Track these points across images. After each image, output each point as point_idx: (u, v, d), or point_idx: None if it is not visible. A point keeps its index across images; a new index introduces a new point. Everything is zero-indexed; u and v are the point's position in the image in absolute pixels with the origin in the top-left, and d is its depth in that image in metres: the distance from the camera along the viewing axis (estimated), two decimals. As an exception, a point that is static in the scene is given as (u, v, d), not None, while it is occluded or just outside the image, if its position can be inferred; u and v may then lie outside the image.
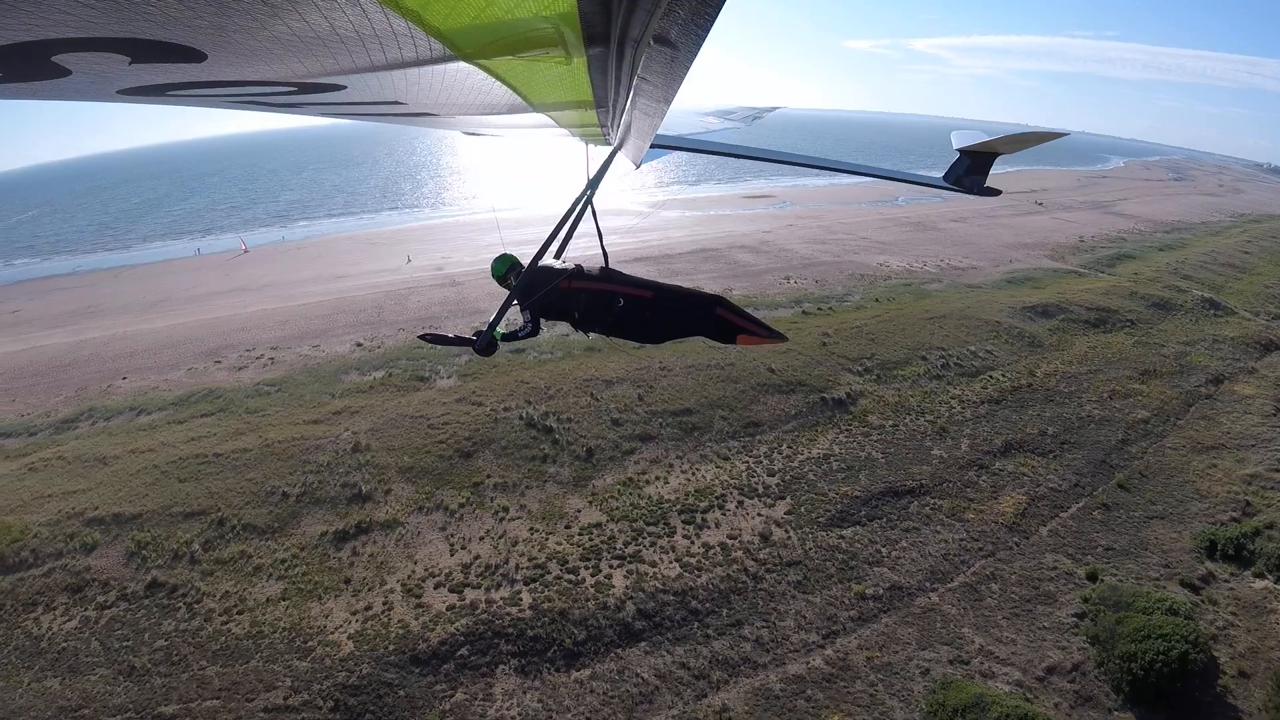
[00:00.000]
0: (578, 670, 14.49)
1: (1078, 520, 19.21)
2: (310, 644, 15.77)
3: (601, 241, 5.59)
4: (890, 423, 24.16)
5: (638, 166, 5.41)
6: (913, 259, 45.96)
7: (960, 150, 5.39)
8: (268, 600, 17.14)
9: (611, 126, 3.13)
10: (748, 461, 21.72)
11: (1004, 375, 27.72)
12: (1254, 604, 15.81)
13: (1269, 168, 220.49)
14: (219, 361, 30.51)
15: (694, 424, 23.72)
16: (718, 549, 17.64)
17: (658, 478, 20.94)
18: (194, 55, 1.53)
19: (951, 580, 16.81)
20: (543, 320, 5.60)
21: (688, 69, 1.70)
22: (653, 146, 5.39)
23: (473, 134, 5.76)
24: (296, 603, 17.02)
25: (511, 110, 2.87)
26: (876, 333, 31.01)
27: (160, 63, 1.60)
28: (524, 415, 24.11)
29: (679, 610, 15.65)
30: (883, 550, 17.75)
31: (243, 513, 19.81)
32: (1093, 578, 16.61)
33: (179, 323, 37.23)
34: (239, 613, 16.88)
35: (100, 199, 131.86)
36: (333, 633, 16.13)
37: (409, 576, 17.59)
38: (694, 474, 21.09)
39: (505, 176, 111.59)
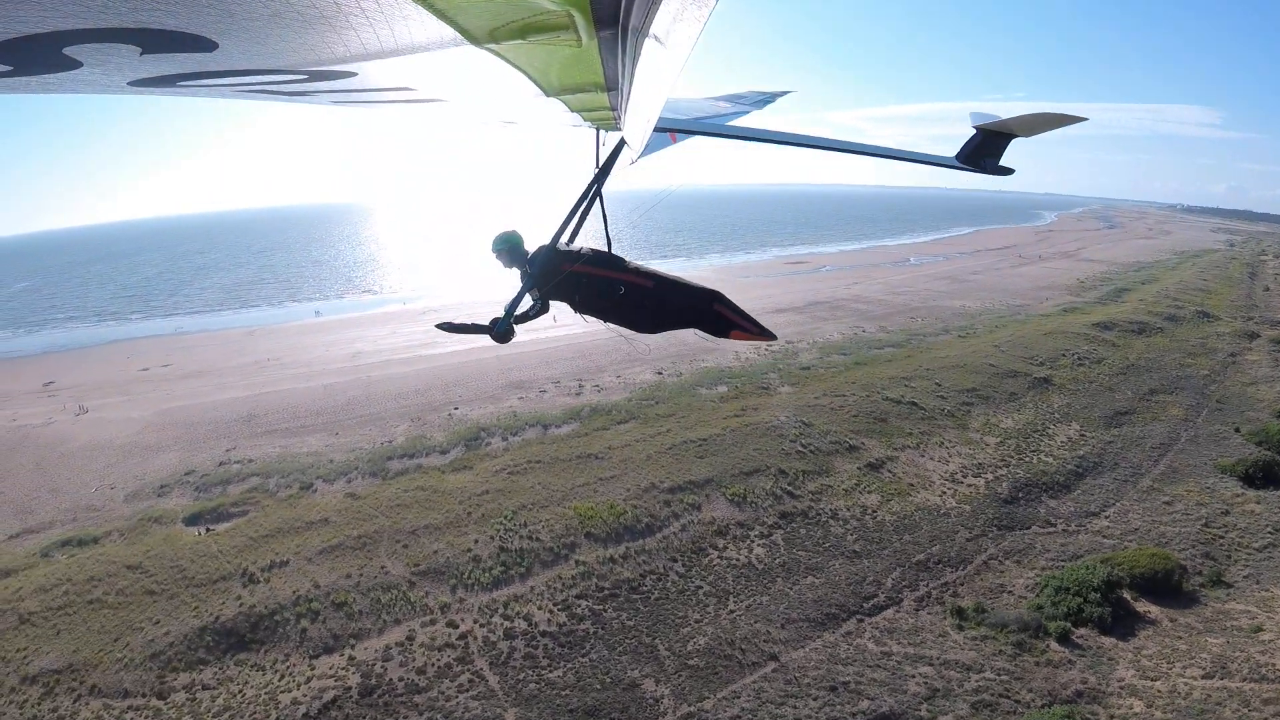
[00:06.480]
0: (1071, 494, 30.15)
1: (1210, 415, 38.38)
2: (936, 513, 27.77)
3: (606, 228, 5.94)
4: (1080, 388, 42.65)
5: (633, 162, 5.63)
6: (980, 301, 66.79)
7: (977, 128, 5.30)
8: (879, 504, 27.81)
9: (622, 111, 3.19)
10: (1033, 409, 39.26)
11: (1114, 361, 47.34)
12: (1311, 431, 35.19)
13: (1182, 208, 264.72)
14: (544, 391, 39.44)
15: (984, 395, 40.98)
16: (1069, 441, 34.99)
17: (999, 420, 37.94)
18: (205, 44, 1.60)
19: (1179, 440, 35.12)
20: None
21: (677, 70, 1.86)
22: (661, 130, 5.88)
23: (485, 123, 5.88)
24: (900, 499, 28.38)
25: (523, 95, 2.96)
26: (1022, 344, 50.15)
27: (172, 52, 1.68)
28: (885, 397, 39.85)
29: (1085, 465, 32.48)
30: (1141, 434, 35.78)
31: (787, 464, 29.89)
32: (1237, 430, 35.57)
33: (421, 369, 44.19)
34: (874, 512, 27.10)
35: (91, 272, 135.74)
36: (939, 505, 28.28)
37: (939, 478, 30.51)
38: (1013, 417, 38.32)
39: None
